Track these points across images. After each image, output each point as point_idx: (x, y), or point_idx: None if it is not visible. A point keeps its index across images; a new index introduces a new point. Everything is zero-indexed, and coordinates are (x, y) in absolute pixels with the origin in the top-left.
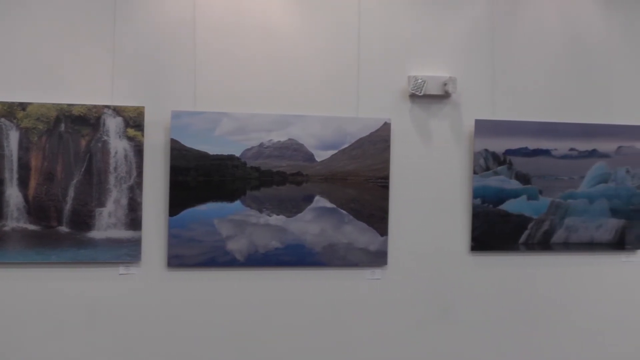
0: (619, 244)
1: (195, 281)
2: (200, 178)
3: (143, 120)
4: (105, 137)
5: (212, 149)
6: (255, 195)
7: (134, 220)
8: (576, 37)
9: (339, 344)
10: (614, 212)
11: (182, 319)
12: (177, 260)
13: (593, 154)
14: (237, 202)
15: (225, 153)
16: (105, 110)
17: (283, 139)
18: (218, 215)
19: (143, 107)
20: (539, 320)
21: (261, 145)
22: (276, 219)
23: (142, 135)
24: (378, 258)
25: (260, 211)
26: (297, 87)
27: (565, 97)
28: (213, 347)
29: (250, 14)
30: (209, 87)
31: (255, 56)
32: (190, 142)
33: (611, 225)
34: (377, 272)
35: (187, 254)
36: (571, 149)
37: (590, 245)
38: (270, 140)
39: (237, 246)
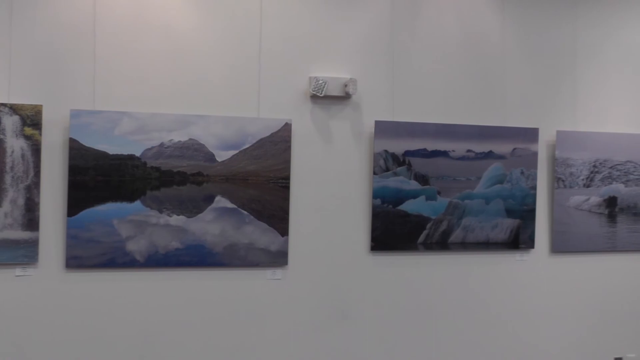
0: (513, 243)
1: (94, 282)
2: (100, 178)
3: (41, 118)
4: (1, 136)
5: (112, 149)
6: (155, 196)
7: (31, 220)
8: (473, 41)
9: (239, 344)
10: (509, 212)
11: (81, 320)
12: (75, 261)
13: (489, 155)
14: (137, 202)
15: (125, 153)
16: (2, 108)
17: (184, 138)
18: (117, 216)
19: (41, 106)
20: (437, 319)
21: (162, 145)
22: (176, 219)
23: (40, 134)
24: (279, 258)
25: (161, 211)
26: (198, 87)
27: (462, 99)
28: (113, 349)
29: (151, 13)
30: (108, 85)
31: (156, 56)
32: (90, 142)
33: (506, 225)
34: (278, 272)
35: (85, 255)
36: (468, 151)
37: (486, 245)
38: (171, 140)
39: (137, 247)
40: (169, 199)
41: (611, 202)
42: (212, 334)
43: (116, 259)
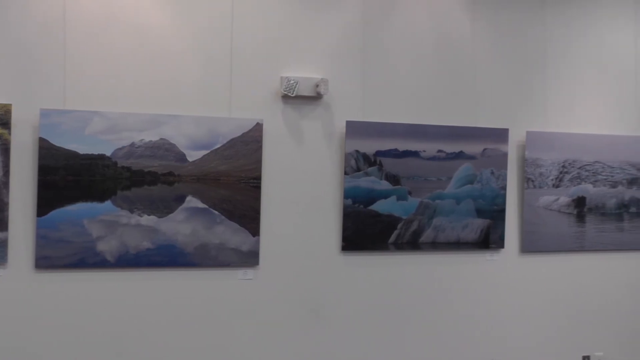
0: (483, 243)
1: (64, 283)
2: (70, 178)
3: (10, 118)
4: None
5: (82, 149)
6: (126, 196)
7: (0, 220)
8: (444, 43)
9: (211, 344)
10: (480, 212)
11: (52, 321)
12: (45, 261)
13: (460, 155)
14: (108, 202)
15: (96, 152)
16: None
17: (155, 138)
18: (88, 216)
19: (10, 105)
20: (408, 318)
21: (132, 145)
22: (147, 219)
23: (9, 134)
24: (250, 258)
25: (132, 211)
26: (169, 87)
27: (433, 100)
28: (84, 349)
29: (122, 11)
30: (79, 85)
31: (127, 55)
32: (60, 141)
33: (477, 225)
34: (249, 272)
35: (55, 255)
36: (439, 151)
37: (457, 245)
38: (142, 140)
39: (107, 247)
40: (140, 199)
41: (580, 202)
42: (183, 334)
43: (86, 259)
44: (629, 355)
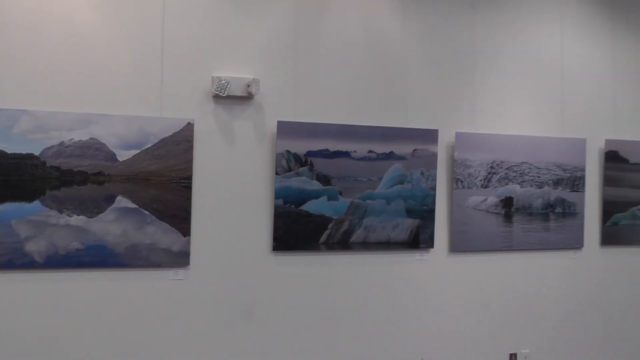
0: (413, 242)
1: None
2: None
3: None
4: None
5: (10, 148)
6: (55, 195)
7: None
8: (376, 44)
9: (142, 345)
10: (410, 212)
11: None
12: None
13: (390, 156)
14: (36, 202)
15: (24, 152)
16: None
17: (85, 138)
18: (16, 216)
19: None
20: (339, 318)
21: (62, 144)
22: (77, 220)
23: None
24: (181, 258)
25: (61, 211)
26: (99, 86)
27: (364, 101)
28: (11, 351)
29: (52, 7)
30: (7, 83)
31: (56, 52)
32: None
33: (407, 225)
34: (180, 273)
35: None
36: (370, 151)
37: (387, 245)
38: (72, 139)
39: (36, 247)
40: (70, 198)
41: (507, 203)
42: (113, 335)
43: (14, 259)
44: (554, 353)
